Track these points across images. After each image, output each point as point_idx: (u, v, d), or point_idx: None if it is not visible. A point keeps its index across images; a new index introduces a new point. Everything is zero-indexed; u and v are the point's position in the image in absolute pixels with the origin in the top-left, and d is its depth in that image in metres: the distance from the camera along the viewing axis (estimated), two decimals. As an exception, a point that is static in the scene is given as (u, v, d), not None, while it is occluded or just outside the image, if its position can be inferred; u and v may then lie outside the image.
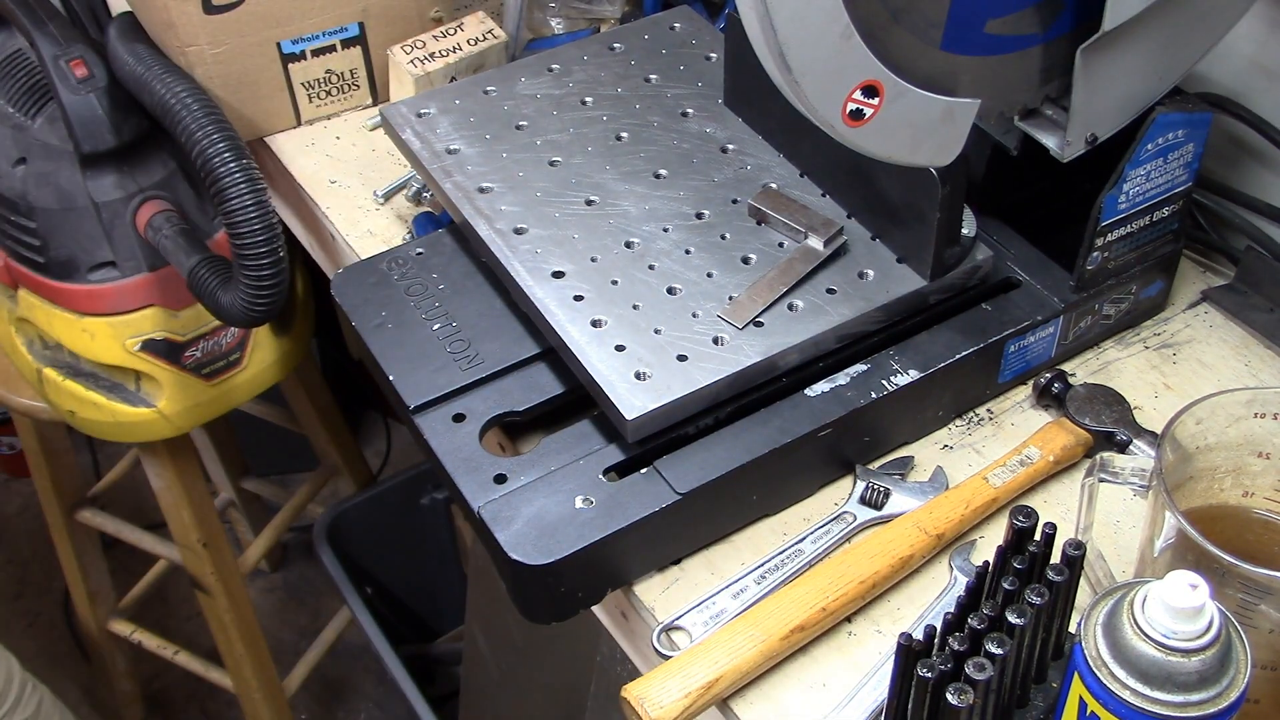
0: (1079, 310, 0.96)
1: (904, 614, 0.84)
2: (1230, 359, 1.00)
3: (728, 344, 0.87)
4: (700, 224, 0.96)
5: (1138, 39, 0.82)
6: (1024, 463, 0.89)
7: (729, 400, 0.87)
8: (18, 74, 1.29)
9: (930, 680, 0.65)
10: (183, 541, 1.66)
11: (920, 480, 0.90)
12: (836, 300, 0.90)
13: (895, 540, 0.83)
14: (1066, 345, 0.98)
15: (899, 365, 0.90)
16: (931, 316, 0.93)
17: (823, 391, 0.88)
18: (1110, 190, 0.89)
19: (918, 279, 0.91)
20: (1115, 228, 0.92)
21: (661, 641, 0.81)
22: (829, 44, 0.71)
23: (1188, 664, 0.60)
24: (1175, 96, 0.89)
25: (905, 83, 0.75)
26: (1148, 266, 0.98)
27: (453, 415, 0.88)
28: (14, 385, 1.53)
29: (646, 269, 0.92)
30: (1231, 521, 0.78)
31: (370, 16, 1.24)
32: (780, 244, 0.93)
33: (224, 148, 1.12)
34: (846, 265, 0.92)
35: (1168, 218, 0.95)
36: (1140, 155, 0.89)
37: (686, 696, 0.75)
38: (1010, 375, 0.96)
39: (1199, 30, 0.86)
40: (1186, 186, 0.94)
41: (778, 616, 0.79)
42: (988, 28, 0.78)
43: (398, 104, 1.08)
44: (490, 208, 0.98)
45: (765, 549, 0.87)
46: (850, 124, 0.75)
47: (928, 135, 0.79)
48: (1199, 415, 0.75)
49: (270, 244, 1.13)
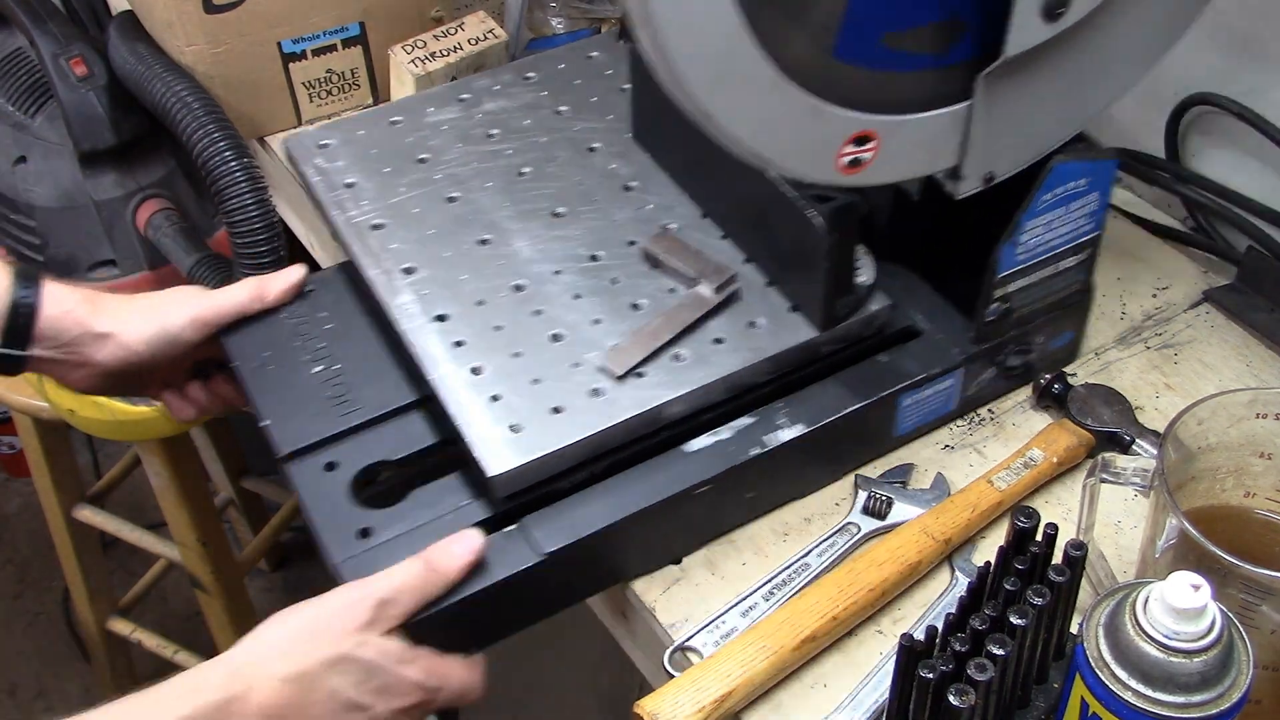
0: (980, 362, 0.92)
1: (905, 614, 0.84)
2: (1231, 359, 1.00)
3: (606, 396, 0.83)
4: (594, 266, 0.92)
5: (1042, 75, 0.78)
6: (1028, 465, 0.89)
7: (607, 454, 0.83)
8: (18, 72, 1.29)
9: (931, 681, 0.65)
10: (182, 541, 1.66)
11: (921, 488, 0.90)
12: (724, 350, 0.86)
13: (903, 547, 0.83)
14: (969, 397, 0.94)
15: (785, 419, 0.86)
16: (825, 367, 0.90)
17: (702, 447, 0.84)
18: (1007, 241, 0.85)
19: (810, 329, 0.87)
20: (1015, 278, 0.88)
21: (673, 661, 0.81)
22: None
23: (1189, 665, 0.60)
24: (1077, 144, 0.84)
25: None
26: (1055, 317, 0.94)
27: (325, 464, 0.85)
28: (14, 384, 1.53)
29: (533, 314, 0.89)
30: (1233, 522, 0.78)
31: (371, 16, 1.24)
32: (672, 289, 0.90)
33: (224, 146, 1.12)
34: (737, 313, 0.89)
35: (1074, 267, 0.91)
36: (1037, 205, 0.85)
37: (700, 711, 0.75)
38: (908, 428, 0.92)
39: (1105, 77, 0.83)
40: (1093, 235, 0.90)
41: (788, 627, 0.79)
42: (884, 40, 0.74)
43: (301, 135, 1.05)
44: (380, 245, 0.94)
45: (766, 548, 0.87)
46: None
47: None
48: (1200, 415, 0.75)
49: (271, 243, 1.13)
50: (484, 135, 1.04)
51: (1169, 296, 1.06)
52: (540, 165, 1.01)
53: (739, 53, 0.68)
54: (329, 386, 0.89)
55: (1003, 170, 0.82)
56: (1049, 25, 0.74)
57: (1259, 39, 1.01)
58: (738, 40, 0.67)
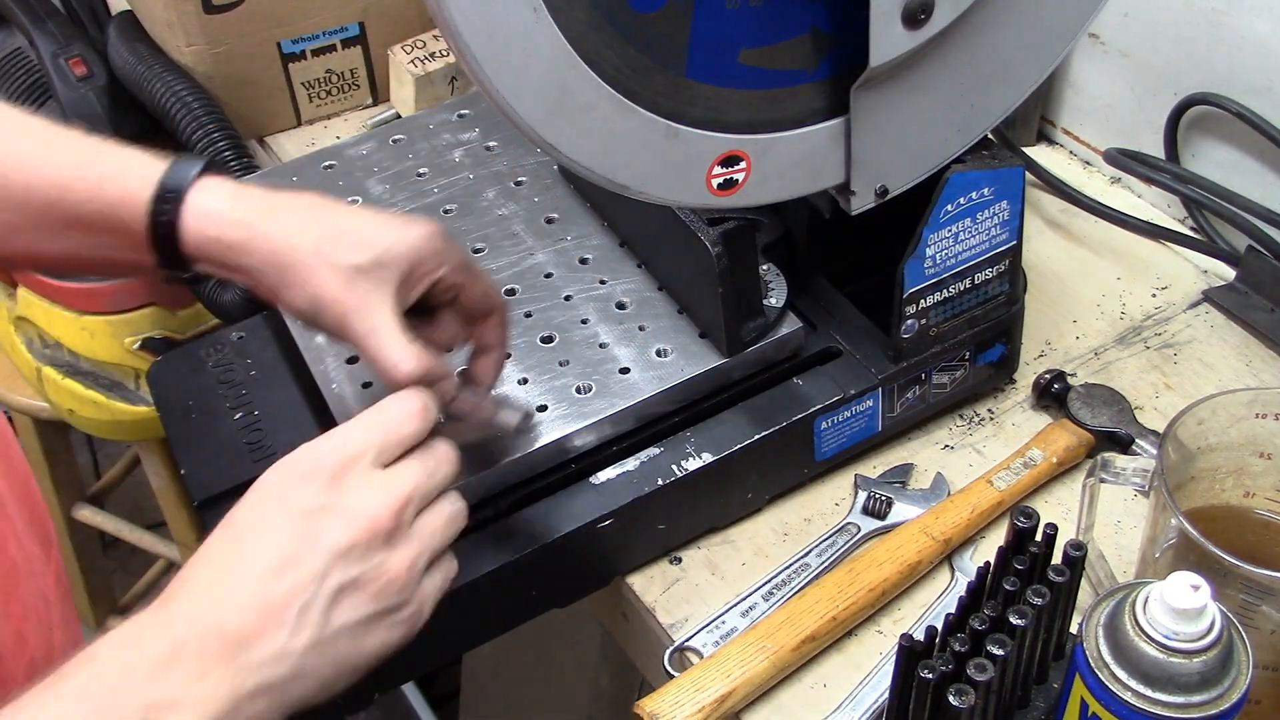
0: (901, 381, 0.89)
1: (905, 615, 0.84)
2: (1231, 359, 1.00)
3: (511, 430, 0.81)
4: (509, 301, 0.91)
5: (922, 85, 0.75)
6: (1027, 465, 0.89)
7: (510, 490, 0.82)
8: (17, 72, 1.29)
9: (931, 681, 0.65)
10: (182, 540, 1.66)
11: (922, 488, 0.90)
12: (629, 380, 0.85)
13: (903, 547, 0.83)
14: (895, 417, 0.91)
15: (693, 448, 0.85)
16: (740, 393, 0.88)
17: (609, 479, 0.83)
18: (912, 256, 0.83)
19: (717, 355, 0.86)
20: (928, 294, 0.86)
21: (673, 661, 0.81)
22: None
23: (1189, 665, 0.60)
24: (981, 151, 0.82)
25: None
26: (980, 331, 0.90)
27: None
28: (13, 384, 1.53)
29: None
30: (1233, 522, 0.78)
31: (370, 16, 1.24)
32: (584, 320, 0.89)
33: (224, 147, 1.12)
34: (646, 342, 0.87)
35: (993, 280, 0.88)
36: (939, 218, 0.82)
37: (700, 711, 0.75)
38: (830, 452, 0.89)
39: (996, 83, 0.79)
40: (1009, 245, 0.87)
41: (788, 627, 0.79)
42: (741, 58, 0.70)
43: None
44: None
45: (766, 548, 0.87)
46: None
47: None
48: (1200, 415, 0.75)
49: (270, 243, 1.13)
50: (414, 174, 1.04)
51: (1168, 296, 1.06)
52: (466, 202, 1.01)
53: (571, 80, 0.65)
54: (247, 433, 0.88)
55: (896, 184, 0.80)
56: (912, 34, 0.71)
57: (1259, 39, 1.01)
58: (567, 68, 0.64)
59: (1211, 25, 1.04)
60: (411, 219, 0.73)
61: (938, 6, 0.70)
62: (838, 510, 0.90)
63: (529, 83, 0.64)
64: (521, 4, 0.61)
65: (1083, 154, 1.21)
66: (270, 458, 0.83)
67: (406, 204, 1.02)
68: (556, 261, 0.95)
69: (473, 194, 1.02)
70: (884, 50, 0.71)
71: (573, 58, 0.64)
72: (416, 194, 1.02)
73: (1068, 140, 1.22)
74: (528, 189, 1.02)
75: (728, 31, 0.69)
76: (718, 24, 0.68)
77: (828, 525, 0.88)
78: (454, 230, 0.98)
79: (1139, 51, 0.79)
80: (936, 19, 0.71)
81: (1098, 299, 1.06)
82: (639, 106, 0.68)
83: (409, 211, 1.00)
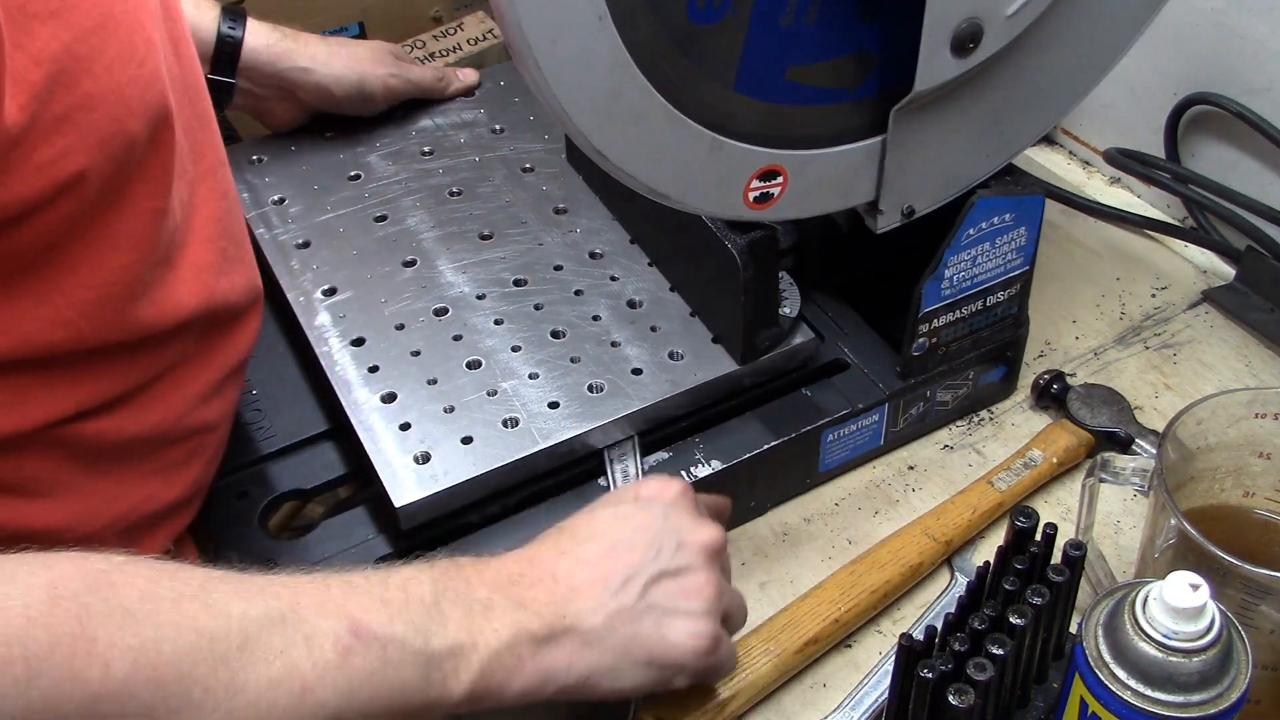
0: (907, 398, 0.90)
1: (905, 615, 0.84)
2: (1231, 359, 1.00)
3: (520, 426, 0.81)
4: (517, 292, 0.91)
5: (959, 110, 0.76)
6: (1028, 465, 0.89)
7: (518, 487, 0.82)
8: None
9: (931, 681, 0.65)
10: (183, 541, 1.65)
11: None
12: (642, 382, 0.84)
13: (905, 549, 0.83)
14: (897, 432, 0.92)
15: (702, 455, 0.84)
16: (748, 400, 0.88)
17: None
18: (931, 276, 0.84)
19: (730, 362, 0.85)
20: (942, 314, 0.87)
21: None
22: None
23: (1189, 664, 0.60)
24: (1005, 177, 0.83)
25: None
26: (985, 352, 0.92)
27: (237, 492, 0.83)
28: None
29: (452, 339, 0.87)
30: (1232, 522, 0.78)
31: (370, 16, 1.24)
32: (595, 317, 0.89)
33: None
34: (658, 344, 0.87)
35: (1004, 302, 0.89)
36: (961, 240, 0.83)
37: (704, 714, 0.75)
38: (834, 464, 0.90)
39: (1029, 112, 0.80)
40: (1022, 271, 0.88)
41: (791, 631, 0.79)
42: (789, 74, 0.71)
43: (234, 148, 1.02)
44: (303, 265, 0.93)
45: (766, 548, 0.87)
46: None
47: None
48: (1200, 415, 0.75)
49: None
50: (418, 153, 1.03)
51: (1168, 296, 1.06)
52: (472, 186, 1.01)
53: (627, 89, 0.66)
54: (246, 412, 0.87)
55: (923, 205, 0.81)
56: (959, 61, 0.72)
57: (1259, 39, 1.01)
58: (626, 76, 0.65)
59: (1211, 25, 1.04)
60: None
61: (986, 35, 0.71)
62: (838, 510, 0.90)
63: (585, 89, 0.65)
64: (588, 10, 0.62)
65: (1082, 154, 1.21)
66: (269, 439, 0.85)
67: (412, 183, 1.01)
68: (566, 254, 0.94)
69: (480, 178, 1.01)
70: (931, 76, 0.72)
71: (630, 67, 0.65)
72: (421, 173, 1.02)
73: (1067, 140, 1.22)
74: (534, 177, 1.02)
75: (778, 47, 0.70)
76: (770, 40, 0.69)
77: (828, 525, 0.88)
78: (461, 214, 0.98)
79: (1138, 51, 0.80)
80: (983, 49, 0.72)
81: (1097, 299, 1.06)
82: (689, 119, 0.69)
83: (413, 190, 1.01)
